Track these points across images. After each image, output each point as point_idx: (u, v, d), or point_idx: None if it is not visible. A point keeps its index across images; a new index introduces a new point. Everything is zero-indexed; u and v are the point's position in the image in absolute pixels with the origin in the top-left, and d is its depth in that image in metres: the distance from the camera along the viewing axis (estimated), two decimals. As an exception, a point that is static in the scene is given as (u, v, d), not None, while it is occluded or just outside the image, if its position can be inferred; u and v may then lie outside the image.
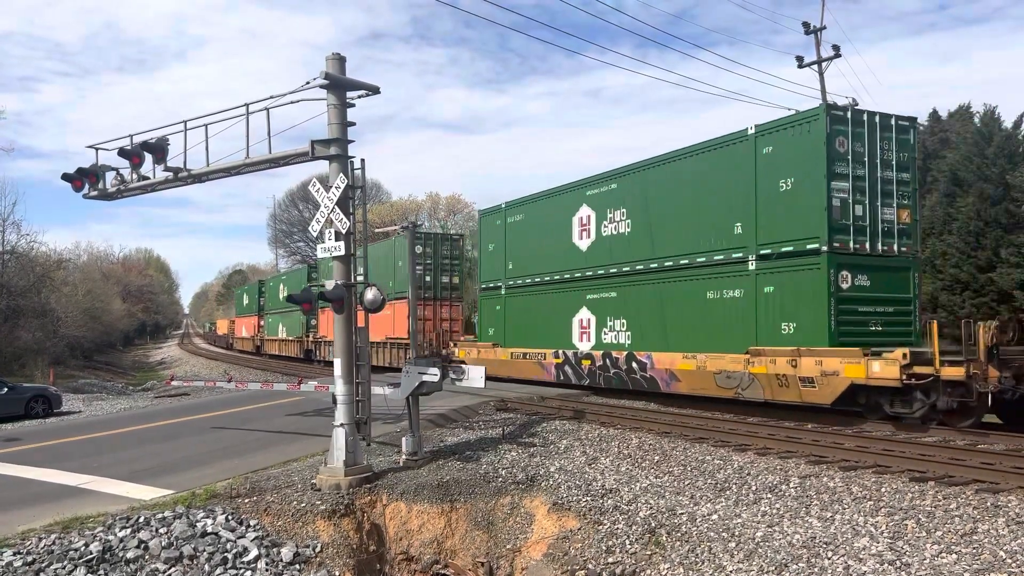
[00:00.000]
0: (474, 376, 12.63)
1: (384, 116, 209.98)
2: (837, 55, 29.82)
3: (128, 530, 9.39)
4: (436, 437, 14.44)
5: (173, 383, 28.24)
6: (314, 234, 12.41)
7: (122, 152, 13.47)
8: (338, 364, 11.82)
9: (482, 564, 10.59)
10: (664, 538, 9.01)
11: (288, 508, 10.50)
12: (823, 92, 29.94)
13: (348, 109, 11.94)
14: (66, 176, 14.15)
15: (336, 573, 9.63)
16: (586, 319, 20.82)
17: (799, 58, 30.62)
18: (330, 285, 11.77)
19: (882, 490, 9.61)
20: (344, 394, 11.72)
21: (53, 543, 8.94)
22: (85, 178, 14.15)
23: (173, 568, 8.88)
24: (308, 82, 11.70)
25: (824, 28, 30.17)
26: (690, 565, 8.35)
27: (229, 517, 10.09)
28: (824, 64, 30.16)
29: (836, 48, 29.86)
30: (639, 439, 13.83)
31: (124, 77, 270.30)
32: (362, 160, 12.04)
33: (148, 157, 13.37)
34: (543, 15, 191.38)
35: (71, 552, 8.78)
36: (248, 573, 9.06)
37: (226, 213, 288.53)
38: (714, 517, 9.30)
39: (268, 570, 9.18)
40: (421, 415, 13.51)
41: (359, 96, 11.98)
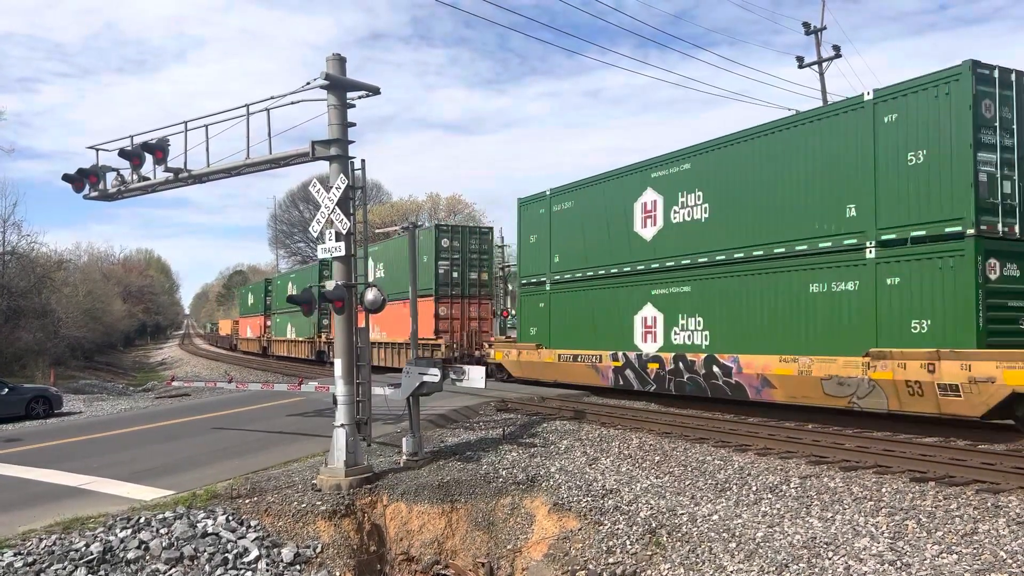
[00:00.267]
0: (474, 376, 12.63)
1: (384, 117, 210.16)
2: (837, 55, 29.89)
3: (129, 531, 9.40)
4: (437, 437, 14.45)
5: (174, 384, 28.26)
6: (315, 234, 12.42)
7: (122, 153, 13.49)
8: (338, 364, 11.84)
9: (483, 564, 10.59)
10: (665, 538, 9.01)
11: (289, 509, 10.51)
12: (823, 92, 29.99)
13: (348, 110, 11.94)
14: (67, 177, 14.18)
15: (337, 574, 9.64)
16: (651, 317, 18.63)
17: (799, 58, 30.69)
18: (330, 285, 11.79)
19: (883, 490, 9.61)
20: (344, 394, 11.73)
21: (54, 544, 8.95)
22: (86, 179, 14.18)
23: (174, 568, 8.89)
24: (308, 83, 11.72)
25: (824, 28, 30.25)
26: (691, 565, 8.35)
27: (230, 518, 10.10)
28: (824, 64, 30.23)
29: (836, 48, 29.95)
30: (639, 439, 13.83)
31: (124, 78, 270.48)
32: (362, 161, 12.06)
33: (148, 158, 13.40)
34: (543, 15, 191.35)
35: (72, 552, 8.79)
36: (249, 574, 9.07)
37: (226, 214, 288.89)
38: (715, 517, 9.30)
39: (269, 570, 9.19)
40: (421, 415, 13.52)
41: (359, 97, 11.99)
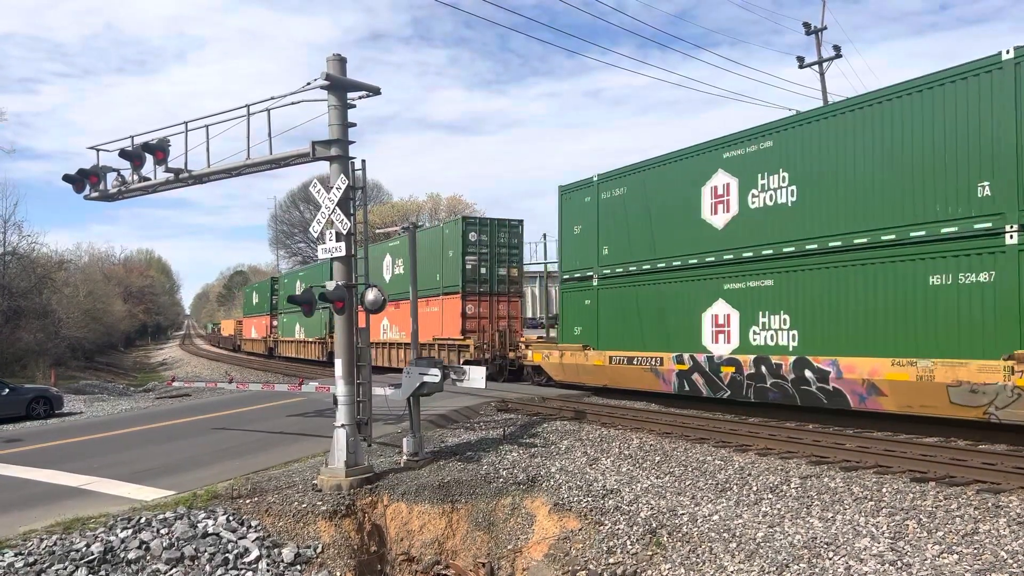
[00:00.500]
0: (475, 377, 12.62)
1: (384, 117, 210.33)
2: (838, 55, 29.91)
3: (129, 531, 9.41)
4: (437, 438, 14.45)
5: (174, 384, 28.25)
6: (315, 235, 12.42)
7: (123, 153, 13.49)
8: (339, 365, 11.84)
9: (483, 565, 10.58)
10: (665, 539, 9.01)
11: (289, 509, 10.51)
12: (824, 92, 30.01)
13: (349, 110, 11.94)
14: (67, 177, 14.18)
15: (337, 574, 9.64)
16: (723, 315, 16.75)
17: (800, 58, 30.72)
18: (331, 286, 11.80)
19: (883, 490, 9.61)
20: (345, 395, 11.73)
21: (54, 544, 8.95)
22: (86, 179, 14.18)
23: (174, 569, 8.89)
24: (309, 83, 11.71)
25: (825, 28, 30.27)
26: (691, 566, 8.35)
27: (230, 518, 10.11)
28: (825, 64, 30.25)
29: (837, 48, 29.98)
30: (640, 440, 13.83)
31: (124, 78, 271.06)
32: (363, 161, 12.05)
33: (149, 158, 13.38)
34: (543, 16, 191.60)
35: (72, 553, 8.80)
36: (249, 574, 9.07)
37: (227, 214, 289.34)
38: (715, 518, 9.30)
39: (269, 571, 9.19)
40: (422, 416, 13.52)
41: (360, 97, 11.98)
